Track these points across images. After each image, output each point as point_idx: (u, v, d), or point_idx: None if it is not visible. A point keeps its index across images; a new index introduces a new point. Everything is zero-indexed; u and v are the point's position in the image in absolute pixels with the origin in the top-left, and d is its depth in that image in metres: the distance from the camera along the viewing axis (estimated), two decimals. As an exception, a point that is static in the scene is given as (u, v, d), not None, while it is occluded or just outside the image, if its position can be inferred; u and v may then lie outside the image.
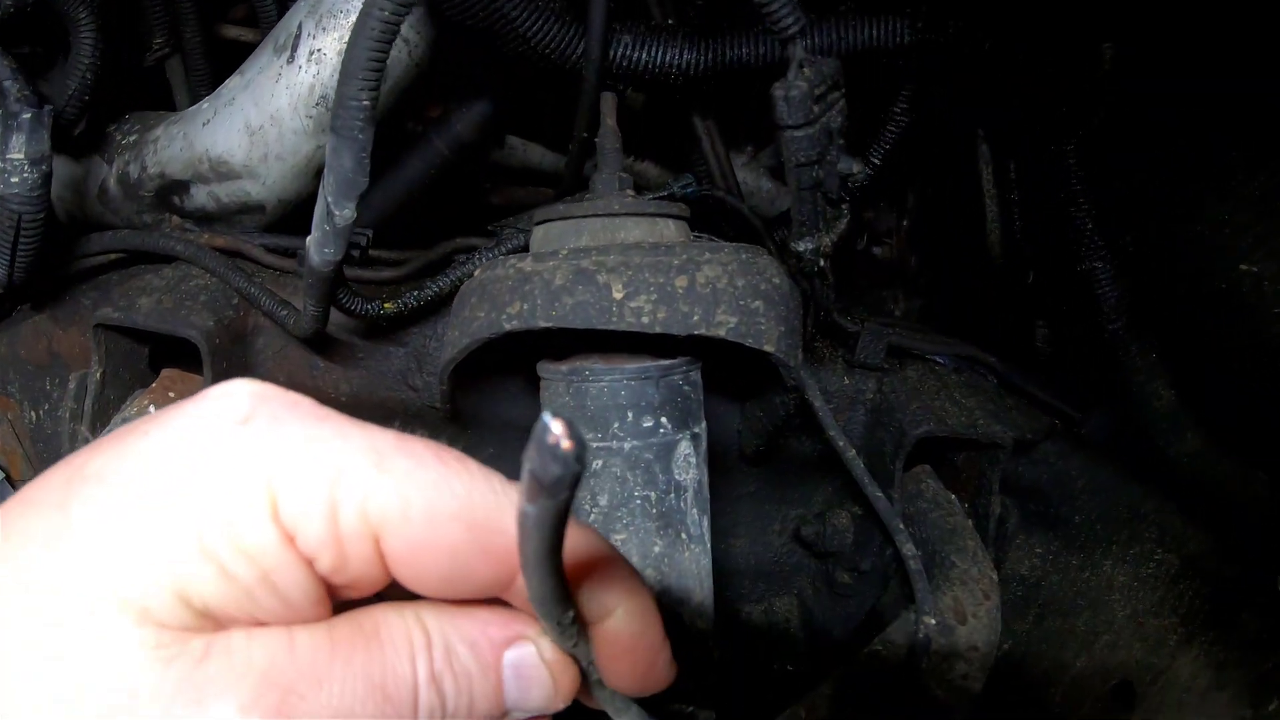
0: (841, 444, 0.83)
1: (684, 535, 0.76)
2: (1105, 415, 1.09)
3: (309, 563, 0.39)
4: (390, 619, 0.42)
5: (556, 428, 0.29)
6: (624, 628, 0.45)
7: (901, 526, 0.85)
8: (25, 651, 0.36)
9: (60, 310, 1.15)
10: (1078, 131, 1.01)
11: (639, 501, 0.74)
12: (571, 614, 0.42)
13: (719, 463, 0.82)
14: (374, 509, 0.38)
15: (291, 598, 0.39)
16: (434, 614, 0.43)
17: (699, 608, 0.78)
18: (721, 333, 0.71)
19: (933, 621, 0.84)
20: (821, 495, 1.01)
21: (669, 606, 0.77)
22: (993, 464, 0.97)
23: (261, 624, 0.39)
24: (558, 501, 0.32)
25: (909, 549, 0.84)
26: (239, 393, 0.41)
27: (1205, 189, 1.00)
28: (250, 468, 0.38)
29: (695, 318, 0.70)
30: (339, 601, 0.42)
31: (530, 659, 0.44)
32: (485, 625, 0.44)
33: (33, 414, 1.21)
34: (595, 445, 0.73)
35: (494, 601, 0.45)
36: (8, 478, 1.21)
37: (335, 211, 0.70)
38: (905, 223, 1.08)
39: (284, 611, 0.40)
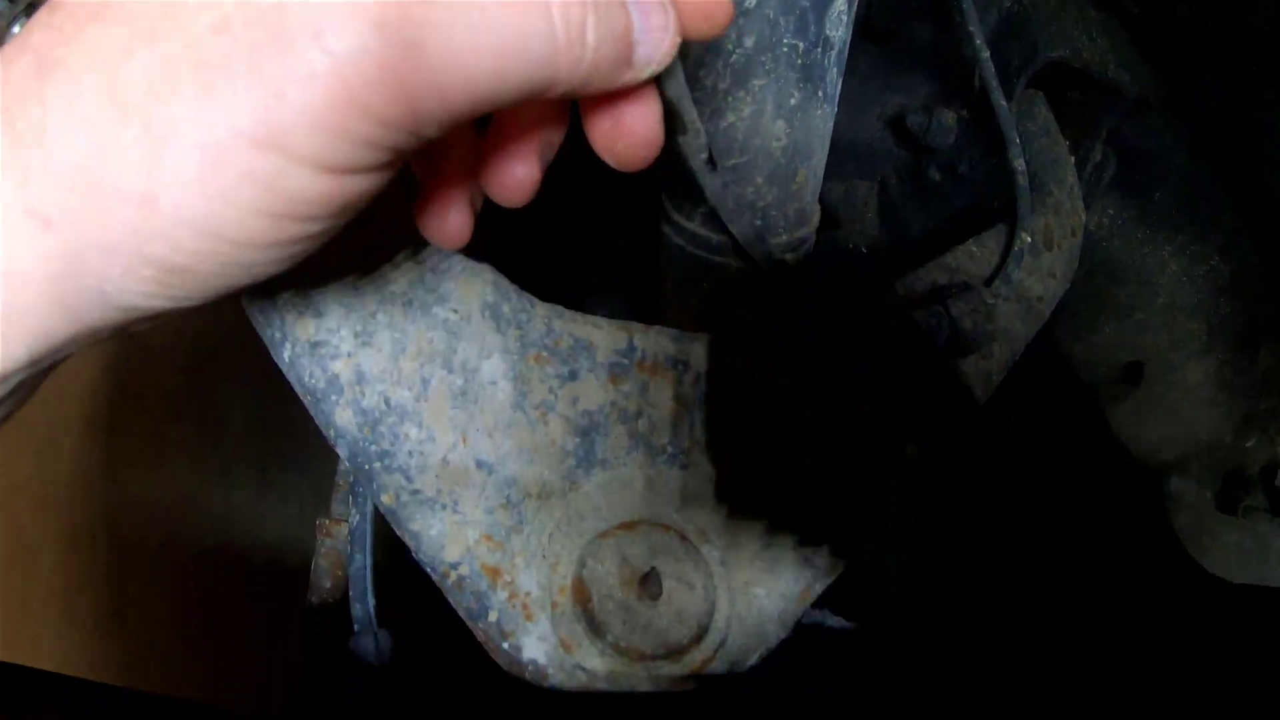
0: (979, 41, 0.82)
1: (820, 93, 0.77)
2: (1223, 110, 1.07)
3: None
4: None
5: None
6: None
7: (1016, 139, 0.86)
8: None
9: None
10: None
11: (785, 50, 0.74)
12: None
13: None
14: None
15: None
16: None
17: (814, 168, 0.81)
18: None
19: (1029, 239, 0.88)
20: (927, 89, 1.00)
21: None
22: (1108, 111, 0.97)
23: None
24: None
25: (1020, 162, 0.86)
26: None
27: None
28: None
29: None
30: None
31: None
32: None
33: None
34: (751, -20, 0.72)
35: None
36: None
37: None
38: None
39: None
